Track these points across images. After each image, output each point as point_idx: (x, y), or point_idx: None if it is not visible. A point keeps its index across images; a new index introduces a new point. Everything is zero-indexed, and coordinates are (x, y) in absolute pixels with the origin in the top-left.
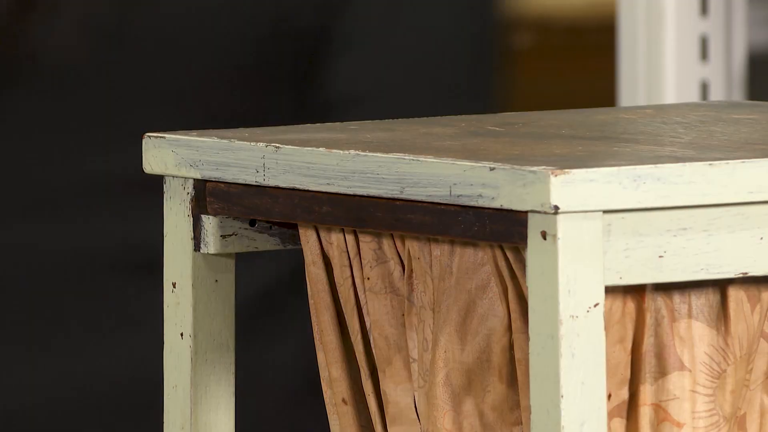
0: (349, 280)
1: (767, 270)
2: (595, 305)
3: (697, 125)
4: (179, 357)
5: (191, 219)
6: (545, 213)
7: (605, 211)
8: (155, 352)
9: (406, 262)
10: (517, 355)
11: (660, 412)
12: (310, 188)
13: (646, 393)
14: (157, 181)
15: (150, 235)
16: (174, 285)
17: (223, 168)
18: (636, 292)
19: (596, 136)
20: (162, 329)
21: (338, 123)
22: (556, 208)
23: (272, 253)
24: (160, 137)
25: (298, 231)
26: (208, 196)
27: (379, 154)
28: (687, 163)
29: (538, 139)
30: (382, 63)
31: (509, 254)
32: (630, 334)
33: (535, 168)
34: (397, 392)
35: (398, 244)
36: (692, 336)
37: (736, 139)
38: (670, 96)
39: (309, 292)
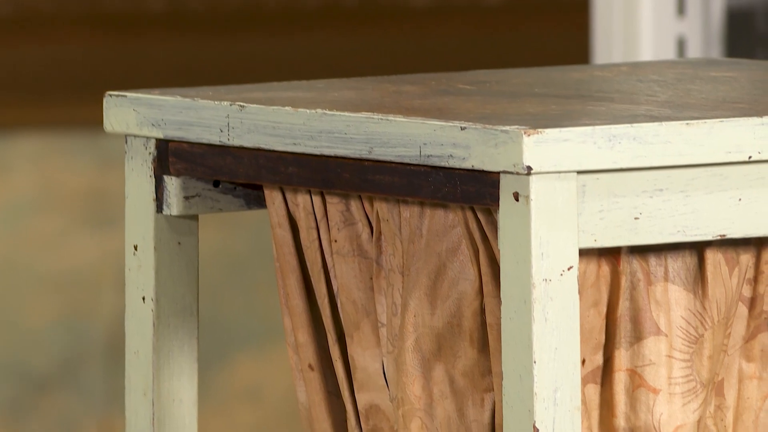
0: (316, 243)
1: (746, 232)
2: (569, 268)
3: (674, 83)
4: (141, 322)
5: (153, 180)
6: (518, 174)
7: (579, 172)
8: None
9: (374, 224)
10: (489, 319)
11: (635, 378)
12: (276, 148)
13: (622, 358)
14: None
15: None
16: (135, 248)
17: (186, 127)
18: (611, 254)
19: (570, 95)
20: None
21: (305, 81)
22: (529, 168)
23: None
24: (122, 96)
25: (263, 192)
26: (170, 156)
27: (346, 114)
28: (663, 123)
29: (510, 98)
30: None
31: (480, 216)
32: (605, 297)
33: (507, 127)
34: (365, 357)
35: (366, 205)
36: (669, 300)
37: (713, 98)
38: (646, 53)
39: (275, 255)
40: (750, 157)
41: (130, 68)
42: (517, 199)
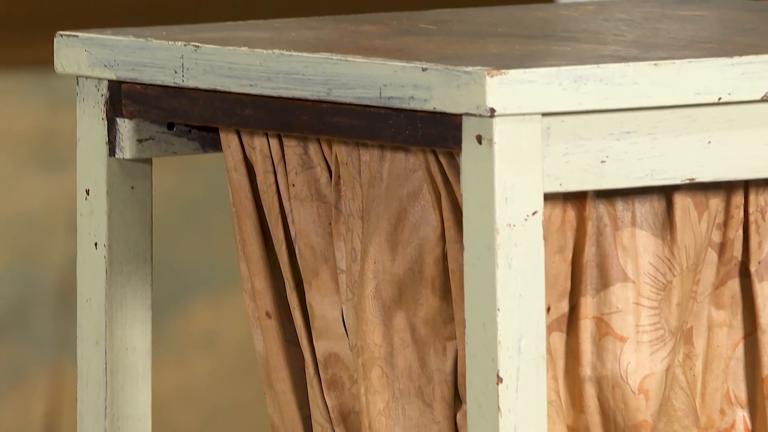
0: (273, 187)
1: (715, 176)
2: (534, 213)
3: (642, 22)
4: (93, 268)
5: (105, 122)
6: (481, 116)
7: (544, 114)
8: None
9: (333, 168)
10: (451, 266)
11: (602, 326)
12: (232, 90)
13: (588, 306)
14: None
15: None
16: (87, 192)
17: (140, 68)
18: (576, 199)
19: (535, 35)
20: None
21: (261, 20)
22: (492, 110)
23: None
24: (73, 36)
25: (218, 135)
26: (123, 98)
27: (304, 54)
28: (631, 63)
29: (473, 38)
30: None
31: (442, 160)
32: (570, 243)
33: (470, 68)
34: (324, 305)
35: (325, 148)
36: (636, 245)
37: (682, 38)
38: None
39: (231, 200)
40: (719, 99)
41: (82, 7)
42: (480, 142)
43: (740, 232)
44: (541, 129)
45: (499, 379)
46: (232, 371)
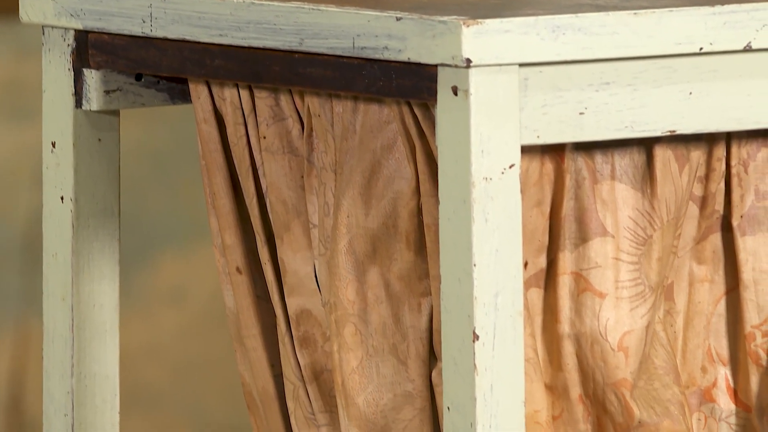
0: (244, 139)
1: (696, 127)
2: (511, 166)
3: None
4: (59, 222)
5: (72, 73)
6: (456, 67)
7: (521, 65)
8: None
9: (305, 120)
10: (426, 220)
11: (581, 282)
12: (201, 40)
13: (566, 261)
14: None
15: None
16: (53, 145)
17: (107, 18)
18: (555, 151)
19: None
20: None
21: None
22: (468, 61)
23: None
24: None
25: (188, 86)
26: (90, 48)
27: (276, 3)
28: (610, 12)
29: None
30: None
31: (417, 111)
32: (548, 197)
33: (445, 18)
34: (295, 260)
35: (297, 100)
36: (615, 199)
37: None
38: None
39: (200, 153)
40: (701, 49)
41: None
42: (455, 94)
43: (722, 185)
44: (518, 80)
45: (476, 336)
46: (201, 327)
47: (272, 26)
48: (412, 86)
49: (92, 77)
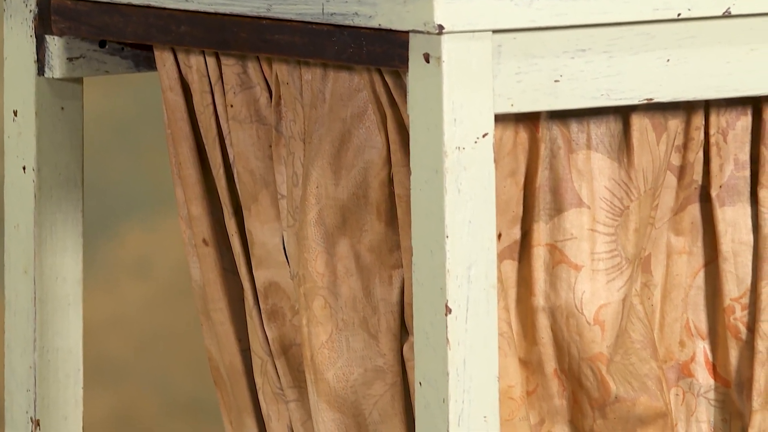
0: (211, 108)
1: (674, 96)
2: (484, 135)
3: None
4: (21, 193)
5: (34, 40)
6: (428, 33)
7: (495, 31)
8: None
9: (273, 88)
10: (397, 190)
11: (556, 254)
12: (167, 5)
13: (541, 232)
14: None
15: None
16: (15, 113)
17: None
18: (529, 120)
19: None
20: None
21: None
22: (441, 27)
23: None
24: None
25: (153, 53)
26: (53, 14)
27: None
28: None
29: None
30: None
31: (388, 79)
32: (522, 167)
33: None
34: (263, 232)
35: (265, 67)
36: (591, 169)
37: None
38: None
39: (165, 121)
40: (679, 15)
41: None
42: (427, 61)
43: (700, 154)
44: (491, 47)
45: (448, 310)
46: (167, 299)
47: None
48: (383, 53)
49: (55, 44)
